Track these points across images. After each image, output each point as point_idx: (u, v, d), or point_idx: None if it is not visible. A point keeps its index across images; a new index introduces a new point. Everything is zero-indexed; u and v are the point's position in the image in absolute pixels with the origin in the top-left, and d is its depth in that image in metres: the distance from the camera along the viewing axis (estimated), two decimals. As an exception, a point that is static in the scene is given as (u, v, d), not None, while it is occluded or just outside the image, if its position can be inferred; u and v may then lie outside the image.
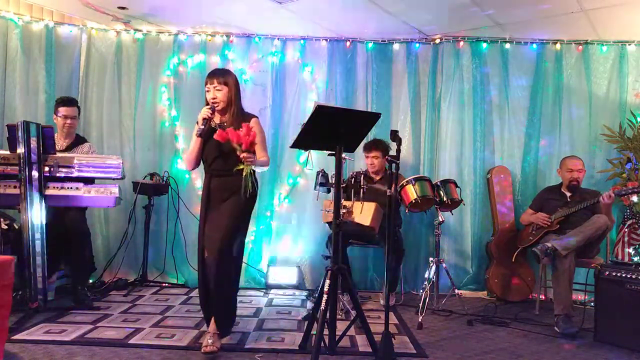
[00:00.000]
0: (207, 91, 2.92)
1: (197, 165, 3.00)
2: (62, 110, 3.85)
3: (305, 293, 4.38)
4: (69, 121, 3.85)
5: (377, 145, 4.12)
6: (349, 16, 4.26)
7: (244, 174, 2.76)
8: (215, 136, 2.74)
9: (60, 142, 3.85)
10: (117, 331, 3.09)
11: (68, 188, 3.42)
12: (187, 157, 3.00)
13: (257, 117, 3.02)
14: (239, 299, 4.10)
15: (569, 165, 4.01)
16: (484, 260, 4.57)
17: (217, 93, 2.89)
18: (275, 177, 4.71)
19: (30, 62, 4.51)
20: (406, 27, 4.47)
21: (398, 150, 2.78)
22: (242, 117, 2.94)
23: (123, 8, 4.23)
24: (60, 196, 3.41)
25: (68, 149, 3.86)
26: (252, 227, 4.67)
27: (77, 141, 3.97)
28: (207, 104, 2.94)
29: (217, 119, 2.95)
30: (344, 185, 3.56)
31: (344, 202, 3.48)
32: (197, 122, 2.90)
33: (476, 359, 2.83)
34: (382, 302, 4.03)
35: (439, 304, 3.90)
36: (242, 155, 2.72)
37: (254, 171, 2.83)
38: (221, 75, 2.94)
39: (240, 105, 3.00)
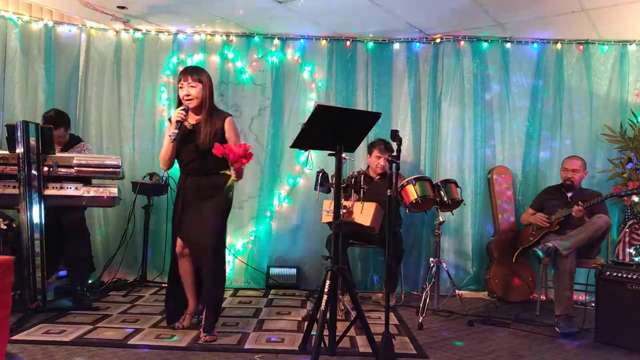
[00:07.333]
0: (181, 88, 2.93)
1: (171, 166, 3.06)
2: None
3: (305, 293, 4.37)
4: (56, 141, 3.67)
5: (390, 148, 4.09)
6: (349, 15, 4.25)
7: (228, 183, 2.93)
8: (214, 150, 2.78)
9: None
10: (117, 332, 3.08)
11: (67, 188, 3.41)
12: (161, 158, 3.02)
13: (231, 115, 3.05)
14: (238, 299, 4.16)
15: (564, 164, 4.04)
16: (484, 260, 4.56)
17: (191, 90, 2.91)
18: (275, 177, 4.70)
19: (30, 61, 4.50)
20: (406, 27, 4.46)
21: (398, 150, 2.76)
22: (216, 115, 2.99)
23: (122, 7, 4.21)
24: (59, 196, 3.40)
25: (63, 150, 3.84)
26: (252, 227, 4.67)
27: (71, 141, 3.97)
28: (179, 101, 2.95)
29: (191, 119, 2.97)
30: (344, 185, 3.55)
31: (344, 202, 3.47)
32: (169, 122, 2.96)
33: (477, 360, 2.82)
34: (382, 302, 4.02)
35: (440, 304, 3.88)
36: (234, 174, 2.89)
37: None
38: (196, 72, 2.96)
39: (214, 104, 3.04)
